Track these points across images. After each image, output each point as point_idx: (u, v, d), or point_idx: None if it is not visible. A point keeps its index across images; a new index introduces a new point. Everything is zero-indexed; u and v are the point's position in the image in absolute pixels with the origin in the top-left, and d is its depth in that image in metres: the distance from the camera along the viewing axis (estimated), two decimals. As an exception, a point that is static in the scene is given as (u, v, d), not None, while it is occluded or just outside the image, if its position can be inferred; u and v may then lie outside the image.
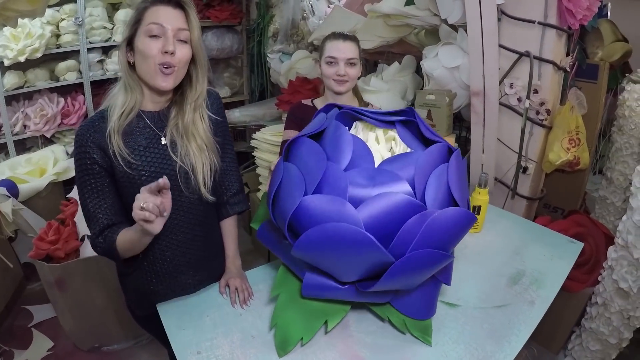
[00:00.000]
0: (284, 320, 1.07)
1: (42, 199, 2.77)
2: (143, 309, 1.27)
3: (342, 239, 0.88)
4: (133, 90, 1.13)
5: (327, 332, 1.09)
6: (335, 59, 1.60)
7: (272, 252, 1.20)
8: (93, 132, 1.10)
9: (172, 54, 1.08)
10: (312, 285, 1.04)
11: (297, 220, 0.94)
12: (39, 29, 2.81)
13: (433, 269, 0.98)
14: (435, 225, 0.89)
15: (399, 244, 0.89)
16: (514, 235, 1.62)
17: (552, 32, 1.83)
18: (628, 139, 2.13)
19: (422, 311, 1.10)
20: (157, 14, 1.07)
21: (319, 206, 0.91)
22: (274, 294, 1.14)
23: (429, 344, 1.07)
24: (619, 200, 2.27)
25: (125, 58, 1.12)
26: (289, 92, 3.00)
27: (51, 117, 3.04)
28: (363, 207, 0.90)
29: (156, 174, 1.14)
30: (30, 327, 2.44)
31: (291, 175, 0.98)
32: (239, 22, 3.81)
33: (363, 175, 0.94)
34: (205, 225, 1.30)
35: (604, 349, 1.87)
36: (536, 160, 2.05)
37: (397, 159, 0.98)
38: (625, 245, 1.68)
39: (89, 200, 1.12)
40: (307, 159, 0.99)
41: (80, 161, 1.10)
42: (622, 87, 2.29)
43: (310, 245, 0.92)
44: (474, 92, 2.00)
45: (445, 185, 0.96)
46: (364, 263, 0.93)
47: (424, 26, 2.38)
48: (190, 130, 1.18)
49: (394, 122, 1.09)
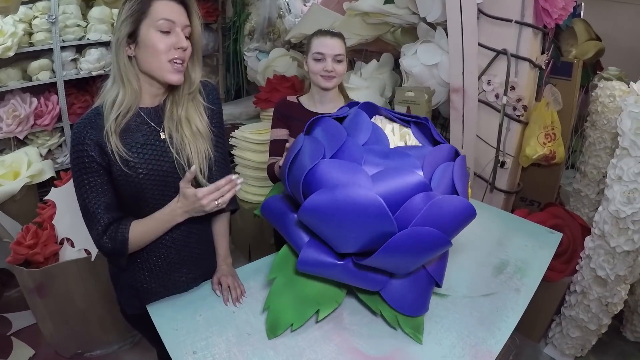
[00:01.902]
0: (277, 305, 1.09)
1: (17, 203, 2.70)
2: (134, 307, 1.25)
3: (352, 201, 0.90)
4: (131, 85, 1.11)
5: (318, 322, 1.10)
6: (322, 55, 1.61)
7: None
8: (90, 129, 1.08)
9: (184, 50, 1.11)
10: (309, 261, 1.05)
11: (311, 182, 0.97)
12: (11, 26, 2.73)
13: (431, 252, 1.00)
14: (439, 206, 0.93)
15: (403, 216, 0.92)
16: (495, 227, 1.66)
17: (529, 30, 1.89)
18: (601, 134, 2.21)
19: (413, 307, 1.10)
20: (167, 10, 1.08)
21: (334, 170, 0.94)
22: (270, 277, 1.15)
23: (420, 342, 1.08)
24: (592, 192, 2.35)
25: (124, 52, 1.10)
26: (267, 90, 3.01)
27: (24, 118, 2.96)
28: (376, 177, 0.93)
29: (154, 171, 1.14)
30: (10, 335, 2.36)
31: (311, 143, 1.03)
32: (215, 20, 3.80)
33: (378, 151, 0.99)
34: (199, 222, 1.29)
35: (583, 335, 1.94)
36: (513, 155, 2.11)
37: (409, 148, 1.04)
38: (601, 234, 1.75)
39: (87, 199, 1.10)
40: (327, 132, 1.04)
41: (78, 160, 1.09)
42: (593, 85, 2.38)
43: (319, 207, 0.93)
44: (454, 89, 2.04)
45: (449, 179, 1.00)
46: (368, 230, 0.94)
47: (402, 24, 2.42)
48: (184, 120, 1.19)
49: (409, 122, 1.16)
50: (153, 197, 1.16)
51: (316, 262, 1.05)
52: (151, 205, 1.17)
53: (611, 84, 2.17)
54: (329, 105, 1.70)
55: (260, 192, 2.81)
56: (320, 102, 1.72)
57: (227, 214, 1.41)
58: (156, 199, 1.17)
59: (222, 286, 1.27)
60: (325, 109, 1.70)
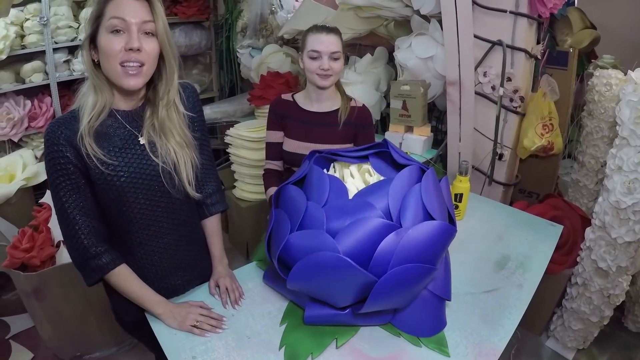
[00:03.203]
0: (293, 340, 1.08)
1: (12, 206, 2.68)
2: (131, 314, 1.22)
3: (323, 265, 0.96)
4: (102, 91, 1.06)
5: (338, 347, 1.07)
6: (318, 52, 1.56)
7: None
8: (64, 129, 1.03)
9: (137, 50, 1.02)
10: (314, 316, 1.09)
11: (287, 255, 1.03)
12: (3, 29, 2.70)
13: (419, 283, 1.02)
14: (411, 240, 0.96)
15: (378, 263, 0.96)
16: (495, 221, 1.66)
17: (524, 20, 1.87)
18: (598, 123, 2.20)
19: (428, 329, 1.10)
20: (119, 7, 1.00)
21: (301, 241, 1.01)
22: (282, 324, 1.15)
23: (447, 355, 1.05)
24: (591, 182, 2.33)
25: (89, 57, 1.06)
26: (261, 87, 2.98)
27: (18, 121, 2.93)
28: (340, 235, 0.98)
29: (136, 174, 1.10)
30: (8, 338, 2.35)
31: (279, 219, 1.10)
32: (207, 18, 3.76)
33: (338, 208, 1.04)
34: (189, 225, 1.27)
35: (585, 327, 1.94)
36: (511, 147, 2.09)
37: (369, 190, 1.08)
38: (602, 225, 1.74)
39: (66, 203, 1.05)
40: (291, 202, 1.11)
41: (53, 161, 1.03)
42: (589, 73, 2.36)
43: (299, 276, 1.00)
44: (450, 81, 2.02)
45: (420, 204, 1.02)
46: (350, 286, 1.00)
47: (395, 18, 2.39)
48: (167, 127, 1.14)
49: (367, 156, 1.19)
50: (137, 202, 1.12)
51: (321, 316, 1.09)
52: (136, 211, 1.13)
53: (607, 72, 2.15)
54: (326, 104, 1.68)
55: (255, 189, 2.79)
56: (317, 101, 1.68)
57: (218, 214, 1.37)
58: (140, 204, 1.13)
59: (220, 289, 1.25)
60: (322, 107, 1.67)
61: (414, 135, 2.23)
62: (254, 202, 2.80)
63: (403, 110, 2.20)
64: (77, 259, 1.10)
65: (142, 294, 1.15)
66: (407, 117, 2.20)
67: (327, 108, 1.67)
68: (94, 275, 1.10)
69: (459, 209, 1.63)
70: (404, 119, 2.22)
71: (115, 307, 1.29)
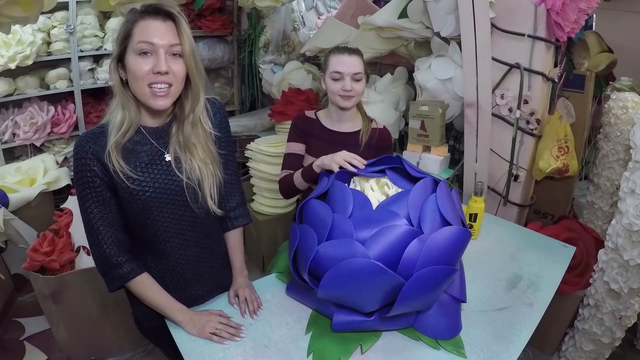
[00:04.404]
0: (320, 346, 1.12)
1: (33, 209, 2.75)
2: (151, 320, 1.25)
3: (356, 271, 1.00)
4: (129, 109, 1.09)
5: (364, 353, 1.11)
6: (340, 74, 1.56)
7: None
8: (92, 145, 1.07)
9: (165, 73, 1.05)
10: (342, 323, 1.13)
11: (317, 266, 1.07)
12: (30, 35, 2.79)
13: (442, 284, 1.07)
14: (433, 245, 1.02)
15: (405, 267, 1.01)
16: (509, 241, 1.67)
17: (541, 44, 1.90)
18: (614, 146, 2.21)
19: (447, 331, 1.16)
20: (147, 30, 1.03)
21: (332, 250, 1.05)
22: (307, 332, 1.18)
23: (464, 357, 1.10)
24: (606, 205, 2.34)
25: (117, 76, 1.08)
26: (282, 102, 3.03)
27: (41, 126, 3.02)
28: (369, 243, 1.03)
29: (161, 189, 1.13)
30: (22, 340, 2.39)
31: (305, 234, 1.13)
32: (230, 33, 3.84)
33: (364, 218, 1.09)
34: (212, 238, 1.30)
35: (597, 348, 1.93)
36: (527, 169, 2.11)
37: (391, 200, 1.14)
38: (615, 248, 1.74)
39: (91, 214, 1.10)
40: (316, 216, 1.14)
41: (81, 174, 1.08)
42: (606, 95, 2.37)
43: (331, 283, 1.03)
44: (468, 103, 2.05)
45: (437, 212, 1.08)
46: (379, 289, 1.04)
47: (416, 38, 2.43)
48: (191, 144, 1.17)
49: (384, 170, 1.26)
50: (161, 215, 1.15)
51: (348, 323, 1.13)
52: (160, 224, 1.16)
53: (624, 95, 2.16)
54: (347, 124, 1.68)
55: (274, 204, 2.82)
56: (338, 121, 1.68)
57: (240, 227, 1.41)
58: (165, 217, 1.16)
59: (239, 298, 1.28)
60: (343, 127, 1.68)
61: (431, 155, 2.25)
62: (272, 216, 2.83)
63: (421, 130, 2.22)
64: (100, 267, 1.15)
65: (163, 301, 1.18)
66: (425, 137, 2.22)
67: (349, 129, 1.68)
68: (115, 282, 1.15)
69: (473, 228, 1.65)
70: (422, 138, 2.24)
71: (136, 313, 1.32)
